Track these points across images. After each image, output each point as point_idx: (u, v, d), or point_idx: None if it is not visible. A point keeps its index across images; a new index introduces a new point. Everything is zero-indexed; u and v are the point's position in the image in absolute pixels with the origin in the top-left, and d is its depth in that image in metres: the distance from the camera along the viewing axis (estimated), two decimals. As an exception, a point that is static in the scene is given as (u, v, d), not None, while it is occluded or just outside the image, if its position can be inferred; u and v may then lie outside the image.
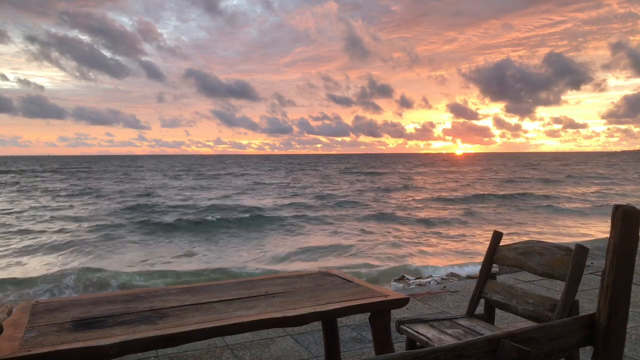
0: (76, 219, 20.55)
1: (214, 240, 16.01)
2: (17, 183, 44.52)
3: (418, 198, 29.69)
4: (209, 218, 20.09)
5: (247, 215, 21.13)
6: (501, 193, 31.51)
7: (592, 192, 32.73)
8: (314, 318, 2.73)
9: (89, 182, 44.87)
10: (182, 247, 14.70)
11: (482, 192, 32.24)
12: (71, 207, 25.51)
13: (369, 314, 3.05)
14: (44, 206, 25.74)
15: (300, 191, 35.24)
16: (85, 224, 18.86)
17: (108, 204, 26.79)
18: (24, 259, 12.87)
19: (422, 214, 22.18)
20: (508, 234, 14.81)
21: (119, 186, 40.15)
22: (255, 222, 19.54)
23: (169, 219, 20.19)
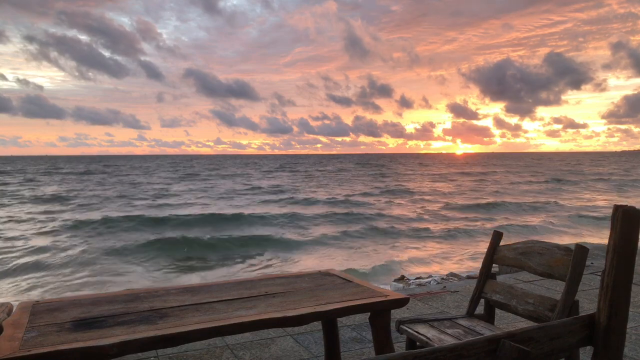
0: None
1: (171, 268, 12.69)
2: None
3: (436, 206, 26.64)
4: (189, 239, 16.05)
5: (229, 232, 17.46)
6: (559, 202, 27.07)
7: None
8: (314, 318, 2.73)
9: (74, 186, 42.06)
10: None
11: (518, 200, 28.03)
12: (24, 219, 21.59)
13: (369, 314, 3.05)
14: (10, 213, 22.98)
15: (297, 195, 32.64)
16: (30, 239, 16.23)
17: (77, 213, 23.66)
18: None
19: (442, 225, 19.26)
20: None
21: (104, 190, 37.26)
22: (241, 241, 16.10)
23: (133, 238, 16.45)
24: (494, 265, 3.48)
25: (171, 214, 22.68)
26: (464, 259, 13.14)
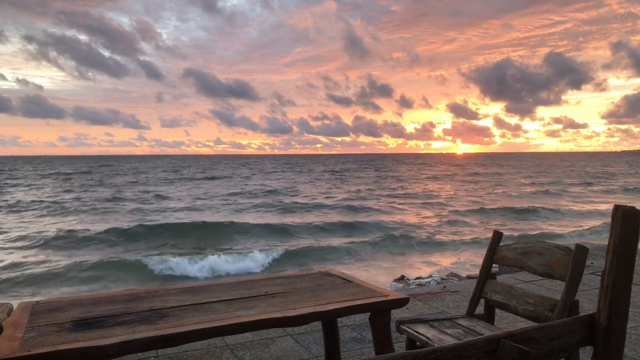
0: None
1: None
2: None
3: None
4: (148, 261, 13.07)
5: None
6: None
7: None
8: (314, 318, 2.73)
9: (57, 189, 39.00)
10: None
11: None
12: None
13: (369, 314, 3.05)
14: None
15: (302, 199, 29.58)
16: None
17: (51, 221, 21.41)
18: None
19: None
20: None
21: (90, 194, 34.46)
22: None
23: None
24: (494, 265, 3.48)
25: (152, 222, 19.90)
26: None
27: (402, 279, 9.71)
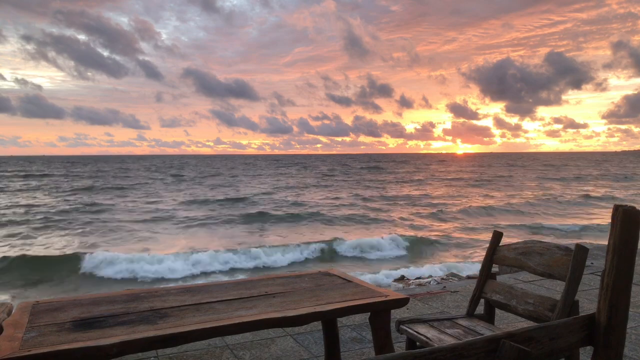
0: None
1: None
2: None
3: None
4: None
5: None
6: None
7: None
8: (314, 318, 2.73)
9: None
10: None
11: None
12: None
13: (369, 314, 3.05)
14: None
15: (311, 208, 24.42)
16: None
17: None
18: None
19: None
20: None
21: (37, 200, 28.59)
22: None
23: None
24: (494, 265, 3.48)
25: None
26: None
27: (402, 279, 9.71)
